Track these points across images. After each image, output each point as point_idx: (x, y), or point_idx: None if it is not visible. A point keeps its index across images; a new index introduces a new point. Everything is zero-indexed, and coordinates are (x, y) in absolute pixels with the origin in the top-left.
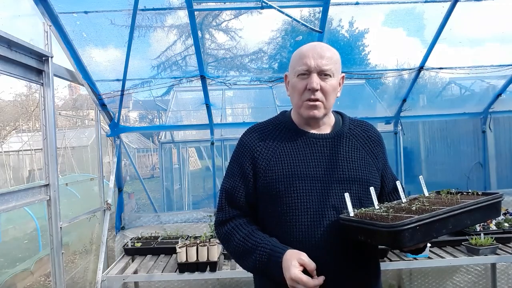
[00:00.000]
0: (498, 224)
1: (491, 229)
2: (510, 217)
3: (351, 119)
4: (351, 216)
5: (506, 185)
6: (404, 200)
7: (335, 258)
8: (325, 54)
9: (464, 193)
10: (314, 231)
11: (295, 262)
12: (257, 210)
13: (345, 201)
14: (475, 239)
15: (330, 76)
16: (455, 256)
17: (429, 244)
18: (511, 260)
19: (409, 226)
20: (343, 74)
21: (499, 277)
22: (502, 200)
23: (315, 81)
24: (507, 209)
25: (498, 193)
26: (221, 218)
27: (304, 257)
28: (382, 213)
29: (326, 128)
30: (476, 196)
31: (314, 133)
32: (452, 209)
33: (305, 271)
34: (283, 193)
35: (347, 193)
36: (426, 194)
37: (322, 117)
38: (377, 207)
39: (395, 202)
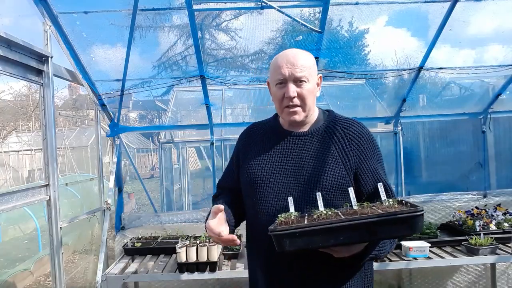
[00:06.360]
0: (498, 224)
1: (491, 229)
2: (510, 217)
3: (337, 117)
4: (276, 222)
5: (506, 185)
6: (354, 205)
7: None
8: (297, 62)
9: (387, 204)
10: (275, 214)
11: (210, 215)
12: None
13: (296, 196)
14: (475, 239)
15: (306, 82)
16: (454, 256)
17: (428, 244)
18: (510, 260)
19: (285, 232)
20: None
21: (499, 277)
22: (417, 215)
23: (291, 89)
24: (507, 209)
25: (418, 206)
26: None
27: (216, 207)
28: (291, 218)
29: (306, 126)
30: (388, 208)
31: (293, 132)
32: (338, 221)
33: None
34: (252, 183)
35: (290, 197)
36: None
37: (303, 119)
38: (323, 210)
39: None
